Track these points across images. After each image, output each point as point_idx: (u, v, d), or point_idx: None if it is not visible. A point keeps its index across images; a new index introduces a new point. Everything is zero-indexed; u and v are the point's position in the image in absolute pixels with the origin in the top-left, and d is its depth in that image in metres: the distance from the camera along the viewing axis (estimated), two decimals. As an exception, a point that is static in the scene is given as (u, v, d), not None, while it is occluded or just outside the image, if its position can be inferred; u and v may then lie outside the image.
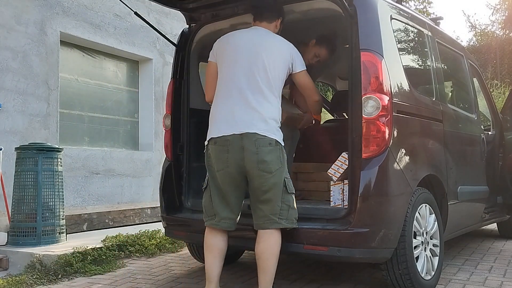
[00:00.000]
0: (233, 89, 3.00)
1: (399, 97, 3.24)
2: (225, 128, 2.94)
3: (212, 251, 3.04)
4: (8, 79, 5.85)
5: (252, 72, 3.00)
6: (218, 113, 3.02)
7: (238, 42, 3.11)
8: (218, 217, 3.03)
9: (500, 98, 11.96)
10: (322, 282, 3.75)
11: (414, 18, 3.90)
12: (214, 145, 2.96)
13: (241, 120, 2.93)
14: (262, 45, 3.07)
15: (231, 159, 2.92)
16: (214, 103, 3.09)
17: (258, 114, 2.94)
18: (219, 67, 3.13)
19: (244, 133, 2.90)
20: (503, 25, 19.22)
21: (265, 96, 2.98)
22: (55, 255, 4.17)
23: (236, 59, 3.05)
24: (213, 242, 3.05)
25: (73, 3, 6.67)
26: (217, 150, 2.94)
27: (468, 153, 4.54)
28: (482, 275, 3.94)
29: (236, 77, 3.01)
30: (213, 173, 3.01)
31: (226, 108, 3.00)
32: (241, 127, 2.91)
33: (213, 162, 2.99)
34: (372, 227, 3.02)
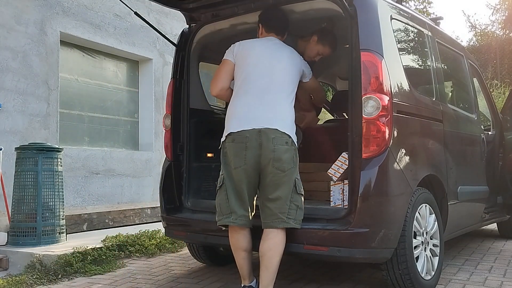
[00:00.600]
0: (254, 89, 3.13)
1: (399, 97, 3.24)
2: (245, 123, 3.00)
3: (239, 253, 3.12)
4: (8, 79, 5.85)
5: (272, 75, 3.17)
6: (237, 110, 3.09)
7: (259, 49, 3.30)
8: (235, 215, 3.04)
9: (500, 98, 11.95)
10: (322, 282, 3.75)
11: (414, 18, 3.90)
12: (232, 142, 3.00)
13: (261, 116, 3.03)
14: (279, 53, 3.29)
15: (249, 156, 2.97)
16: (233, 102, 3.17)
17: (278, 112, 3.07)
18: (239, 69, 3.25)
19: (264, 128, 2.97)
20: (503, 25, 19.22)
21: (283, 97, 3.14)
22: (55, 255, 4.17)
23: (257, 63, 3.21)
24: (238, 243, 3.11)
25: (73, 3, 6.67)
26: (236, 148, 2.98)
27: (468, 153, 4.54)
28: (482, 275, 3.94)
29: (257, 79, 3.16)
30: (229, 171, 3.03)
31: (246, 105, 3.09)
32: (261, 122, 3.00)
33: (230, 159, 3.01)
34: (372, 227, 3.02)
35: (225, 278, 3.91)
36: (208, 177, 4.11)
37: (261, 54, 3.23)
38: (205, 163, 4.10)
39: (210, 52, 4.30)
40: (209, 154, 4.15)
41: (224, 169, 3.07)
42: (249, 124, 2.99)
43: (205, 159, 4.11)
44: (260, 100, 3.08)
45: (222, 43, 4.21)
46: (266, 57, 3.22)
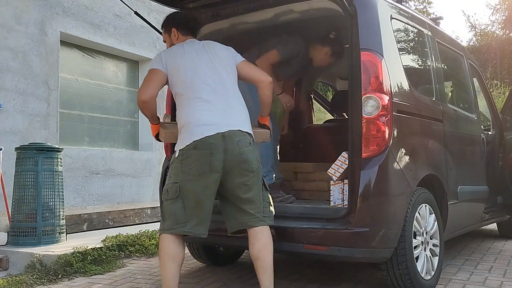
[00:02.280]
0: (205, 94, 2.99)
1: (399, 97, 3.24)
2: (206, 129, 2.88)
3: (176, 261, 2.90)
4: (8, 79, 5.86)
5: (217, 77, 3.06)
6: (195, 117, 2.93)
7: (192, 54, 3.12)
8: (191, 224, 2.90)
9: (500, 98, 11.96)
10: (322, 282, 3.75)
11: (414, 18, 3.90)
12: (194, 149, 2.86)
13: (221, 120, 2.94)
14: (214, 54, 3.15)
15: (214, 162, 2.87)
16: (186, 110, 2.99)
17: (236, 113, 3.03)
18: (179, 78, 3.05)
19: (227, 131, 2.90)
20: (503, 25, 19.24)
21: (235, 96, 3.08)
22: (55, 255, 4.17)
23: (197, 68, 3.06)
24: (178, 251, 2.91)
25: (73, 3, 6.67)
26: (199, 155, 2.85)
27: (468, 153, 4.54)
28: (482, 275, 3.94)
29: (204, 84, 3.02)
30: (188, 179, 2.87)
31: (203, 111, 2.95)
32: (223, 126, 2.92)
33: (190, 167, 2.87)
34: (372, 226, 3.02)
35: (225, 278, 3.91)
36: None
37: (197, 59, 3.09)
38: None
39: (210, 52, 4.30)
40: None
41: (180, 177, 2.88)
42: (211, 129, 2.88)
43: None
44: (215, 104, 2.98)
45: (222, 43, 4.22)
46: (204, 61, 3.09)
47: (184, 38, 3.27)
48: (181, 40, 3.26)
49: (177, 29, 3.28)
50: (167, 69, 3.07)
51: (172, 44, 3.29)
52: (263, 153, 3.92)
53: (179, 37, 3.27)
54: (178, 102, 3.07)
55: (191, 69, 3.05)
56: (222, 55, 3.16)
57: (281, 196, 3.80)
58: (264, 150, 3.93)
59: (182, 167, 2.87)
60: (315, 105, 6.18)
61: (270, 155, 3.99)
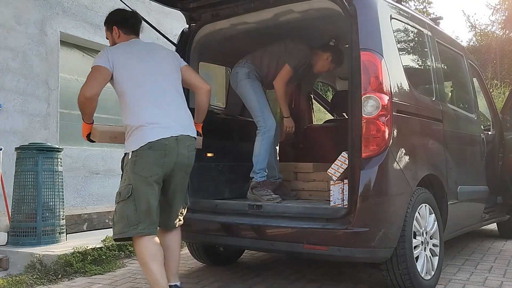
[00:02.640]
0: (156, 97, 3.00)
1: (399, 97, 3.24)
2: (162, 131, 2.90)
3: (158, 260, 2.88)
4: (8, 79, 5.86)
5: (165, 80, 3.08)
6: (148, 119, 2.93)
7: (139, 54, 3.11)
8: (143, 225, 2.86)
9: (500, 98, 11.95)
10: (322, 282, 3.75)
11: (414, 18, 3.90)
12: (149, 150, 2.86)
13: (174, 123, 2.98)
14: (160, 56, 3.17)
15: (166, 163, 2.91)
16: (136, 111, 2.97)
17: (186, 118, 3.08)
18: (127, 78, 3.03)
19: (180, 135, 2.96)
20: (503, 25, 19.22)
21: (182, 100, 3.13)
22: (55, 255, 4.17)
23: (146, 70, 3.05)
24: (157, 249, 2.90)
25: (73, 3, 6.67)
26: (154, 155, 2.87)
27: (468, 153, 4.54)
28: (482, 275, 3.94)
29: (154, 86, 3.02)
30: (140, 180, 2.86)
31: (156, 114, 2.95)
32: (176, 129, 2.96)
33: (143, 168, 2.87)
34: (372, 226, 3.02)
35: (225, 278, 3.91)
36: (208, 177, 4.11)
37: (146, 60, 3.08)
38: (205, 162, 4.10)
39: (210, 52, 4.31)
40: (209, 154, 4.16)
41: (133, 179, 2.87)
42: (166, 132, 2.91)
43: (204, 159, 4.11)
44: (166, 107, 2.99)
45: (222, 43, 4.23)
46: (153, 63, 3.09)
47: (127, 37, 3.21)
48: (124, 38, 3.21)
49: (118, 27, 3.22)
50: (113, 67, 3.01)
51: (114, 42, 3.24)
52: (261, 151, 3.94)
53: (120, 35, 3.22)
54: (126, 102, 3.01)
55: (141, 70, 3.03)
56: (169, 58, 3.20)
57: (268, 195, 3.82)
58: (262, 148, 3.95)
59: (135, 168, 2.87)
60: (315, 105, 6.18)
61: (267, 154, 4.00)
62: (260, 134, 4.01)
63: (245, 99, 4.15)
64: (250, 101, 4.10)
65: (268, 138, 4.00)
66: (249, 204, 3.65)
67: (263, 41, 4.28)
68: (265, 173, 3.97)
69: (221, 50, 4.46)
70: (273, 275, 3.96)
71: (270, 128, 4.01)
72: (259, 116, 4.04)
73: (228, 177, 4.29)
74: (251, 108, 4.11)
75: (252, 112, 4.10)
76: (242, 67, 4.14)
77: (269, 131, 4.00)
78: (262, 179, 3.91)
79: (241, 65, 4.16)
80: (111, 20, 3.26)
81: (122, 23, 3.22)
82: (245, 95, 4.13)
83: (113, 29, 3.24)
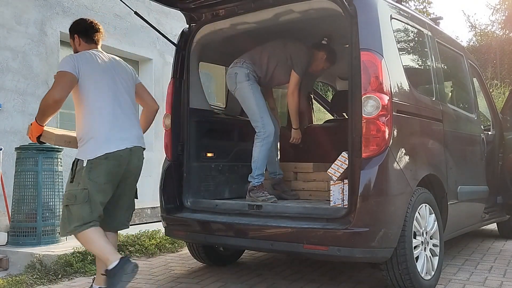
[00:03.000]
0: (115, 108, 3.17)
1: (399, 97, 3.24)
2: (119, 143, 3.11)
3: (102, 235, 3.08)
4: (8, 79, 5.86)
5: (124, 93, 3.26)
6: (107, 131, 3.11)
7: (103, 65, 3.23)
8: (95, 222, 3.09)
9: (500, 98, 11.96)
10: (322, 282, 3.75)
11: (414, 18, 3.90)
12: (105, 160, 3.06)
13: (129, 135, 3.19)
14: (120, 68, 3.33)
15: (120, 172, 3.14)
16: (94, 120, 3.14)
17: (139, 130, 3.30)
18: (90, 87, 3.16)
19: (133, 147, 3.18)
20: (503, 25, 19.22)
21: (136, 113, 3.32)
22: (55, 255, 4.17)
23: (108, 81, 3.20)
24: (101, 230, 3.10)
25: (73, 3, 6.67)
26: (109, 165, 3.08)
27: (468, 153, 4.54)
28: (482, 275, 3.94)
29: (114, 98, 3.19)
30: (97, 186, 3.07)
31: (115, 126, 3.14)
32: (131, 142, 3.17)
33: (99, 175, 3.06)
34: (372, 226, 3.02)
35: (225, 278, 3.91)
36: (208, 177, 4.12)
37: (108, 73, 3.22)
38: (205, 162, 4.11)
39: (210, 52, 4.31)
40: (209, 154, 4.16)
41: (89, 184, 3.05)
42: (122, 144, 3.12)
43: (205, 158, 4.12)
44: (122, 119, 3.18)
45: (222, 43, 4.24)
46: (114, 77, 3.24)
47: (88, 46, 3.33)
48: (84, 47, 3.33)
49: (78, 36, 3.35)
50: (79, 75, 3.13)
51: (76, 49, 3.36)
52: (260, 156, 3.94)
53: (81, 43, 3.35)
54: (85, 111, 3.16)
55: (103, 82, 3.18)
56: (128, 73, 3.36)
57: (263, 196, 3.82)
58: (261, 154, 3.94)
59: (90, 175, 3.05)
60: (315, 105, 6.18)
61: (266, 159, 4.00)
62: (260, 140, 3.99)
63: (244, 102, 4.11)
64: (250, 105, 4.07)
65: (267, 144, 3.98)
66: (249, 204, 3.66)
67: (263, 41, 4.29)
68: (263, 177, 3.97)
69: (221, 50, 4.46)
70: (273, 275, 3.96)
71: (269, 134, 3.99)
72: (258, 122, 4.01)
73: (228, 177, 4.29)
74: (251, 112, 4.07)
75: (251, 116, 4.07)
76: (241, 67, 4.10)
77: (268, 137, 3.98)
78: (259, 183, 3.91)
79: (239, 65, 4.12)
80: (73, 29, 3.40)
81: (83, 32, 3.35)
82: (245, 98, 4.09)
83: (74, 38, 3.37)
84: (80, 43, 3.34)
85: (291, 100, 4.24)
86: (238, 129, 4.46)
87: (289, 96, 4.24)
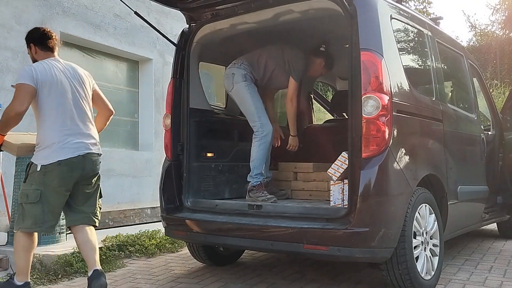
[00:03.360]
0: (71, 117, 3.34)
1: (399, 97, 3.24)
2: (72, 151, 3.29)
3: (31, 251, 3.36)
4: (8, 79, 5.85)
5: (81, 101, 3.40)
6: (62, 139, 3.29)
7: (60, 75, 3.36)
8: (47, 225, 3.33)
9: (500, 98, 11.96)
10: (322, 282, 3.75)
11: (414, 18, 3.90)
12: (58, 166, 3.25)
13: (83, 143, 3.35)
14: (78, 77, 3.45)
15: (73, 177, 3.32)
16: (49, 129, 3.30)
17: (94, 137, 3.45)
18: (48, 97, 3.29)
19: (86, 153, 3.36)
20: (503, 25, 19.22)
21: (91, 121, 3.47)
22: (55, 255, 4.17)
23: (65, 90, 3.34)
24: (31, 243, 3.34)
25: (73, 3, 6.67)
26: (62, 171, 3.27)
27: (468, 153, 4.54)
28: (482, 275, 3.94)
29: (71, 107, 3.34)
30: (49, 189, 3.27)
31: (69, 134, 3.31)
32: (84, 149, 3.35)
33: (52, 179, 3.27)
34: (372, 226, 3.02)
35: (225, 278, 3.91)
36: (208, 176, 4.12)
37: (65, 81, 3.35)
38: (205, 162, 4.11)
39: (210, 51, 4.31)
40: (209, 154, 4.16)
41: (42, 186, 3.26)
42: (75, 151, 3.30)
43: (205, 158, 4.12)
44: (77, 127, 3.35)
45: (222, 43, 4.23)
46: (71, 85, 3.38)
47: (44, 54, 3.42)
48: (41, 56, 3.42)
49: (34, 44, 3.44)
50: (37, 85, 3.25)
51: (34, 58, 3.45)
52: (258, 156, 3.94)
53: (37, 51, 3.44)
54: (43, 119, 3.30)
55: (59, 92, 3.31)
56: (85, 79, 3.49)
57: (263, 196, 3.82)
58: (260, 153, 3.95)
59: (45, 179, 3.26)
60: (315, 105, 6.18)
61: (265, 158, 4.01)
62: (258, 139, 4.00)
63: (242, 103, 4.12)
64: (247, 105, 4.07)
65: (266, 143, 3.99)
66: (249, 204, 3.66)
67: (263, 41, 4.29)
68: (261, 177, 3.97)
69: (221, 50, 4.46)
70: (273, 275, 3.96)
71: (268, 133, 4.00)
72: (256, 121, 4.02)
73: (228, 177, 4.29)
74: (248, 112, 4.08)
75: (249, 116, 4.08)
76: (238, 68, 4.11)
77: (266, 136, 3.99)
78: (258, 182, 3.92)
79: (237, 66, 4.13)
80: (28, 38, 3.48)
81: (37, 40, 3.44)
82: (242, 98, 4.10)
83: (30, 47, 3.46)
84: (36, 51, 3.44)
85: (290, 106, 4.28)
86: (238, 129, 4.46)
87: (287, 102, 4.29)
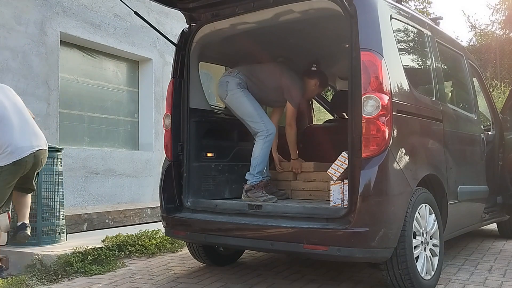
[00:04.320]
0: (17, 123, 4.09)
1: (399, 97, 3.24)
2: (23, 151, 4.04)
3: None
4: (8, 79, 5.85)
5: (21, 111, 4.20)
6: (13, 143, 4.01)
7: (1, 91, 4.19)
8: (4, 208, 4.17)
9: (500, 98, 11.96)
10: (322, 282, 3.75)
11: (414, 18, 3.90)
12: (13, 165, 4.01)
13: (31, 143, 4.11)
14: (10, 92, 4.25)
15: (25, 170, 4.11)
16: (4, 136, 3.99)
17: (40, 136, 4.24)
18: None
19: (36, 151, 4.13)
20: (503, 25, 19.22)
21: (35, 125, 4.28)
22: (55, 255, 4.17)
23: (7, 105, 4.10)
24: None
25: (73, 3, 6.67)
26: (16, 168, 4.04)
27: (468, 153, 4.54)
28: (482, 275, 3.94)
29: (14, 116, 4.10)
30: (5, 183, 4.03)
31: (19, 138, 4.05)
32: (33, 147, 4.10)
33: (8, 176, 4.03)
34: (372, 226, 3.02)
35: (225, 278, 3.91)
36: (208, 176, 4.12)
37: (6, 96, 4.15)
38: (205, 162, 4.11)
39: (210, 51, 4.31)
40: (209, 154, 4.16)
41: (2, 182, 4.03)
42: (26, 151, 4.06)
43: (205, 158, 4.12)
44: (24, 131, 4.11)
45: (222, 43, 4.24)
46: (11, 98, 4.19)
47: None
48: None
49: None
50: None
51: None
52: (261, 154, 3.95)
53: None
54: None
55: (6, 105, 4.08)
56: (18, 97, 4.30)
57: (264, 196, 3.82)
58: (262, 151, 3.95)
59: (1, 176, 4.01)
60: (315, 105, 6.18)
61: (267, 157, 4.01)
62: (262, 137, 3.99)
63: (240, 107, 4.09)
64: (246, 108, 4.06)
65: (269, 142, 4.00)
66: (249, 204, 3.66)
67: (263, 41, 4.29)
68: (262, 176, 3.96)
69: (221, 50, 4.46)
70: (273, 275, 3.96)
71: (272, 132, 4.02)
72: (259, 122, 4.01)
73: (228, 177, 4.29)
74: (249, 114, 4.05)
75: (250, 118, 4.05)
76: (234, 77, 4.11)
77: (271, 135, 4.01)
78: (257, 182, 3.91)
79: (232, 75, 4.13)
80: None
81: None
82: (239, 103, 4.08)
83: None
84: None
85: (289, 131, 4.32)
86: (238, 129, 4.45)
87: (287, 127, 4.32)
